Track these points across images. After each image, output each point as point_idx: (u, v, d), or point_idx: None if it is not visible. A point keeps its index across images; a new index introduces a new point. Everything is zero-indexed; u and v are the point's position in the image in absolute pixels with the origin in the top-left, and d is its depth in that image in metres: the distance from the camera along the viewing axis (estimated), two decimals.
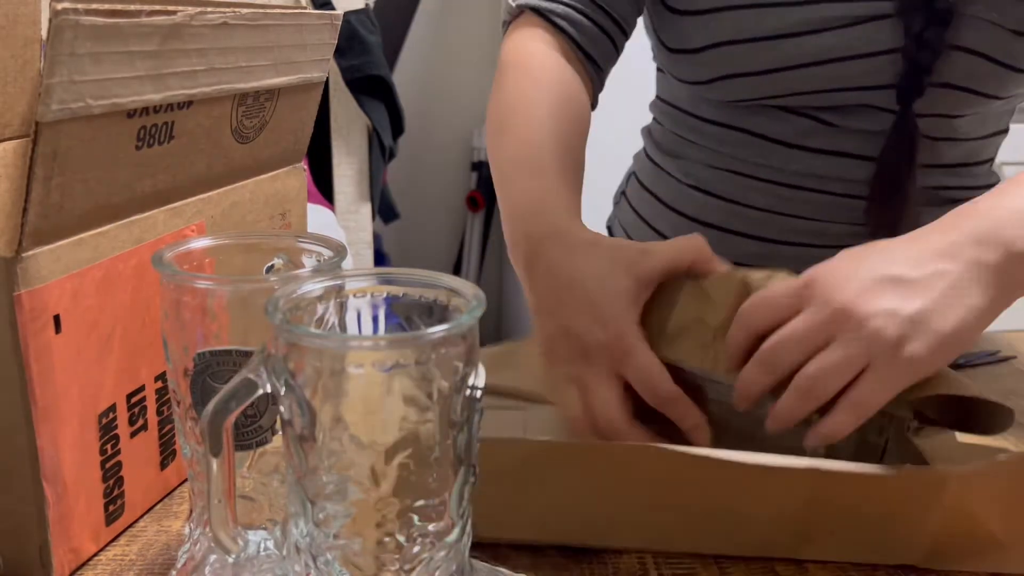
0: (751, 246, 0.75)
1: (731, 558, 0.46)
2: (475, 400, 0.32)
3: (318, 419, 0.30)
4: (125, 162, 0.43)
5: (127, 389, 0.46)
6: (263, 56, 0.50)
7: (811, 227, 0.74)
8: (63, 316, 0.41)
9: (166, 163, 0.46)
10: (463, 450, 0.32)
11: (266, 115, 0.54)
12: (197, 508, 0.41)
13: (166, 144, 0.46)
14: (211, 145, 0.50)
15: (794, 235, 0.75)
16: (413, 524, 0.32)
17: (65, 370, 0.41)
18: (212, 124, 0.49)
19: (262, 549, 0.40)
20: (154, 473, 0.49)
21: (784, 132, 0.72)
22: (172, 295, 0.37)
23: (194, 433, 0.39)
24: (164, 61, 0.42)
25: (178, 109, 0.45)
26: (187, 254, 0.40)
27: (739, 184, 0.75)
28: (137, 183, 0.45)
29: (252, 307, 0.36)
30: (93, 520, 0.45)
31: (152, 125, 0.44)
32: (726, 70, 0.71)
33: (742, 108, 0.73)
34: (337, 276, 0.34)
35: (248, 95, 0.51)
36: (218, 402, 0.32)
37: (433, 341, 0.30)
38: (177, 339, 0.38)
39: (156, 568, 0.45)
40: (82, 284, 0.42)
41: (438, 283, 0.34)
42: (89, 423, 0.43)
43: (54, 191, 0.39)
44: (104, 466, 0.45)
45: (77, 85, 0.38)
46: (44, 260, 0.40)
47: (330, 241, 0.41)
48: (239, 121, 0.51)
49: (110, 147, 0.42)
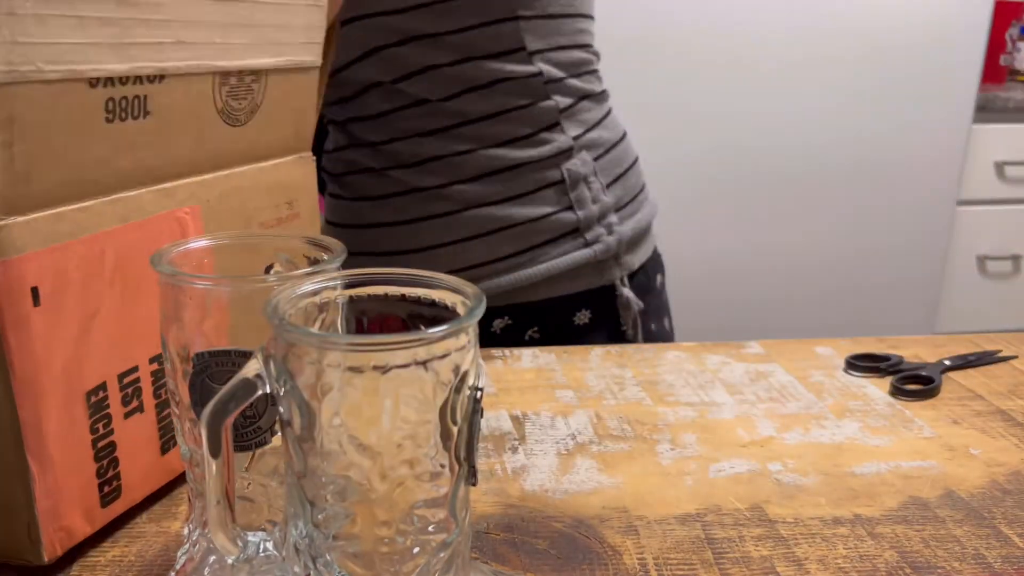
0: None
1: (731, 558, 0.46)
2: (475, 400, 0.32)
3: (317, 420, 0.30)
4: (96, 135, 0.43)
5: (119, 369, 0.46)
6: (240, 34, 0.50)
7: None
8: (42, 289, 0.41)
9: (145, 140, 0.46)
10: (463, 450, 0.32)
11: (256, 98, 0.53)
12: (196, 509, 0.41)
13: (141, 119, 0.45)
14: (196, 124, 0.49)
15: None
16: (413, 524, 0.32)
17: (46, 344, 0.41)
18: (192, 102, 0.48)
19: (261, 550, 0.40)
20: (154, 457, 0.49)
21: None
22: (171, 295, 0.37)
23: (193, 434, 0.39)
24: (123, 29, 0.42)
25: (148, 83, 0.45)
26: (187, 254, 0.40)
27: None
28: (114, 158, 0.45)
29: (252, 307, 0.36)
30: (86, 500, 0.45)
31: (122, 98, 0.43)
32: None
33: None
34: (337, 276, 0.34)
35: (231, 74, 0.50)
36: (217, 403, 0.32)
37: (433, 341, 0.30)
38: (176, 339, 0.38)
39: (155, 569, 0.44)
40: (64, 258, 0.42)
41: (438, 283, 0.34)
42: (76, 399, 0.43)
43: (18, 159, 0.39)
44: (96, 445, 0.45)
45: (23, 47, 0.37)
46: (19, 231, 0.40)
47: (330, 241, 0.41)
48: (224, 101, 0.51)
49: (75, 116, 0.41)
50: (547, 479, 0.53)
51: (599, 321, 0.85)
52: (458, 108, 0.79)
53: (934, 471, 0.55)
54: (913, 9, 1.96)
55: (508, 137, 0.81)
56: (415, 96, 0.79)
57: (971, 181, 2.19)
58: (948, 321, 2.26)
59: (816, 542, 0.47)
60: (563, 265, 0.82)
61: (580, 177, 0.82)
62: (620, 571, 0.45)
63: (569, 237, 0.82)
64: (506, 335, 0.84)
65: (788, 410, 0.63)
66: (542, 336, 0.85)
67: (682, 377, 0.69)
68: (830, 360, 0.72)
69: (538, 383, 0.67)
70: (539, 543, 0.47)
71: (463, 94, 0.79)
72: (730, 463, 0.56)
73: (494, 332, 0.84)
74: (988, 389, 0.67)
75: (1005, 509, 0.51)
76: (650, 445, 0.58)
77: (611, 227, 0.84)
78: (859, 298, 2.13)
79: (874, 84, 2.00)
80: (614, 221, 0.84)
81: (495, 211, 0.81)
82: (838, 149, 2.03)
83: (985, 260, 2.26)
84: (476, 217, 0.81)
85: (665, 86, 1.92)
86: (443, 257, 0.82)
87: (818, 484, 0.53)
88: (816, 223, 2.07)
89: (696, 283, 2.01)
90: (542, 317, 0.83)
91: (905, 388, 0.66)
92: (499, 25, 0.78)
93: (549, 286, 0.83)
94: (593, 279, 0.84)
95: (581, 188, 0.82)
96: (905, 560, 0.46)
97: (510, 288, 0.82)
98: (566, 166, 0.81)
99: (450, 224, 0.82)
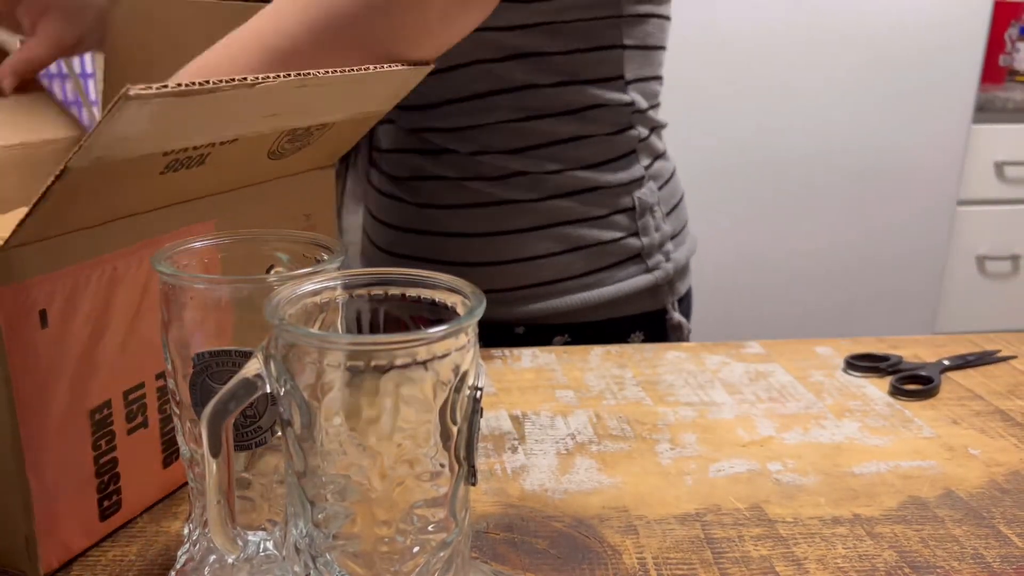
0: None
1: (731, 558, 0.46)
2: (475, 400, 0.32)
3: (317, 420, 0.30)
4: (147, 185, 0.43)
5: (125, 386, 0.46)
6: (330, 103, 0.48)
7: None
8: (50, 311, 0.41)
9: (189, 182, 0.46)
10: (463, 450, 0.32)
11: (312, 140, 0.52)
12: (196, 509, 0.41)
13: (195, 169, 0.45)
14: (244, 165, 0.49)
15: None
16: (413, 524, 0.32)
17: (51, 364, 0.41)
18: (250, 152, 0.48)
19: (261, 550, 0.40)
20: (156, 471, 0.49)
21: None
22: (171, 295, 0.37)
23: (193, 434, 0.39)
24: (223, 111, 0.41)
25: (219, 145, 0.44)
26: (187, 253, 0.40)
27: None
28: (152, 196, 0.44)
29: (252, 307, 0.36)
30: (85, 515, 0.45)
31: (187, 157, 0.43)
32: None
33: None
34: (337, 276, 0.34)
35: (299, 129, 0.50)
36: (217, 402, 0.32)
37: (433, 341, 0.30)
38: (176, 339, 0.38)
39: (155, 568, 0.45)
40: (75, 280, 0.42)
41: (438, 283, 0.34)
42: (79, 417, 0.43)
43: (59, 208, 0.39)
44: (98, 461, 0.45)
45: (124, 141, 0.37)
46: (29, 255, 0.39)
47: (330, 241, 0.41)
48: (279, 145, 0.50)
49: (134, 178, 0.41)
50: (547, 479, 0.54)
51: (650, 343, 0.87)
52: (550, 128, 0.81)
53: (933, 471, 0.55)
54: (913, 10, 1.96)
55: (592, 161, 0.82)
56: (508, 113, 0.80)
57: (971, 181, 2.19)
58: (948, 321, 2.26)
59: (815, 542, 0.47)
60: (627, 289, 0.84)
61: (647, 206, 0.85)
62: (620, 571, 0.45)
63: (632, 262, 0.85)
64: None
65: (788, 410, 0.63)
66: None
67: (682, 377, 0.69)
68: (830, 360, 0.72)
69: (538, 383, 0.67)
70: (539, 543, 0.47)
71: (557, 116, 0.80)
72: (730, 463, 0.56)
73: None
74: (987, 389, 0.68)
75: (1004, 509, 0.51)
76: (650, 445, 0.58)
77: (668, 254, 0.87)
78: (859, 298, 2.13)
79: (874, 85, 2.00)
80: (671, 249, 0.87)
81: (570, 231, 0.83)
82: (838, 149, 2.03)
83: (985, 260, 2.26)
84: (552, 235, 0.83)
85: (664, 88, 1.92)
86: (516, 271, 0.83)
87: (817, 484, 0.53)
88: (816, 223, 2.07)
89: (696, 283, 2.00)
90: (599, 337, 0.85)
91: (905, 388, 0.66)
92: (604, 52, 0.80)
93: (609, 307, 0.85)
94: (648, 303, 0.86)
95: (647, 216, 0.85)
96: (904, 560, 0.46)
97: (578, 307, 0.84)
98: (637, 194, 0.84)
99: (526, 240, 0.83)
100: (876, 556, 0.46)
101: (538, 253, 0.83)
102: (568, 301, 0.83)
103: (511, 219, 0.82)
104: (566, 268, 0.83)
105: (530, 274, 0.83)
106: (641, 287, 0.85)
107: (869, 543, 0.47)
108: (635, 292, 0.85)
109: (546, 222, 0.82)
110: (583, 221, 0.82)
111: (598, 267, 0.84)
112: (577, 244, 0.83)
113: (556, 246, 0.83)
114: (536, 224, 0.82)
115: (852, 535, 0.48)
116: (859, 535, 0.48)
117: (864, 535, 0.48)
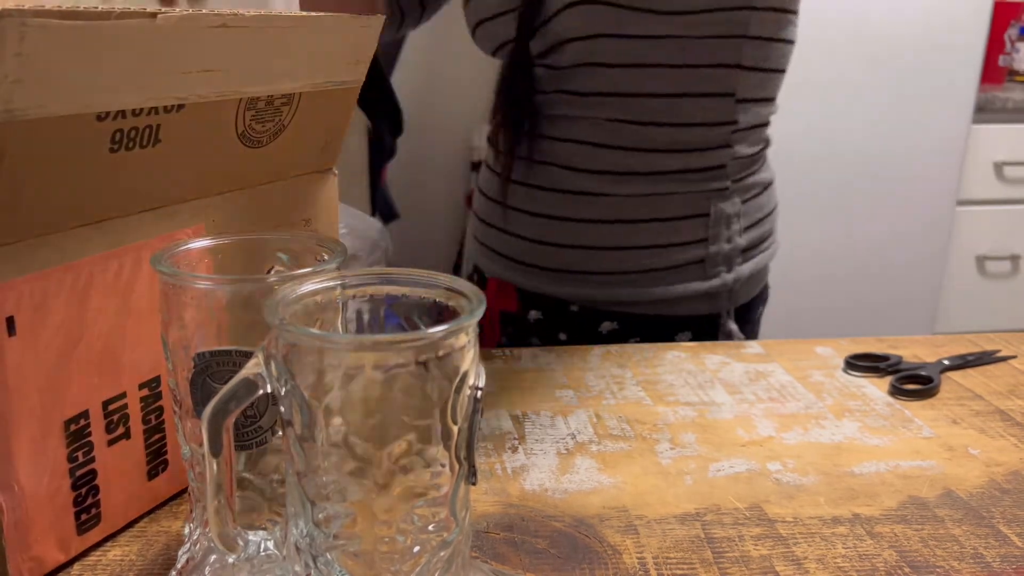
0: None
1: (730, 557, 0.46)
2: (475, 400, 0.32)
3: (318, 419, 0.30)
4: (96, 164, 0.40)
5: (104, 396, 0.44)
6: (275, 59, 0.46)
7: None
8: (19, 318, 0.39)
9: (151, 167, 0.43)
10: (463, 450, 0.32)
11: (283, 119, 0.49)
12: (197, 508, 0.41)
13: (150, 147, 0.42)
14: (210, 149, 0.46)
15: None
16: (413, 523, 0.32)
17: (20, 374, 0.40)
18: (210, 128, 0.45)
19: (262, 549, 0.40)
20: (139, 483, 0.47)
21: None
22: (172, 295, 0.37)
23: (194, 434, 0.39)
24: (142, 62, 0.38)
25: (165, 112, 0.42)
26: (186, 254, 0.40)
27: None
28: (112, 185, 0.42)
29: (252, 307, 0.36)
30: (60, 529, 0.43)
31: (131, 128, 0.40)
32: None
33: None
34: (337, 276, 0.34)
35: (259, 99, 0.47)
36: (218, 402, 0.32)
37: (433, 341, 0.30)
38: (177, 339, 0.38)
39: (156, 568, 0.45)
40: (45, 286, 0.40)
41: (438, 283, 0.34)
42: (52, 429, 0.42)
43: (3, 190, 0.37)
44: (74, 474, 0.43)
45: (26, 86, 0.35)
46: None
47: (330, 241, 0.41)
48: (247, 125, 0.47)
49: (75, 149, 0.39)
50: (547, 479, 0.54)
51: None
52: (649, 136, 0.83)
53: (933, 471, 0.55)
54: (913, 10, 1.96)
55: (678, 167, 0.84)
56: (610, 114, 0.82)
57: (970, 181, 2.18)
58: (947, 321, 2.26)
59: (815, 541, 0.47)
60: (679, 292, 0.86)
61: (724, 217, 0.86)
62: (620, 570, 0.45)
63: (692, 267, 0.86)
64: (611, 337, 0.88)
65: (787, 410, 0.63)
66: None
67: (682, 377, 0.69)
68: (829, 360, 0.72)
69: (538, 383, 0.67)
70: (539, 542, 0.47)
71: (661, 126, 0.82)
72: (729, 463, 0.56)
73: (600, 332, 0.88)
74: (987, 389, 0.68)
75: (1004, 508, 0.51)
76: (650, 445, 0.58)
77: (732, 266, 0.88)
78: (858, 298, 2.13)
79: (874, 84, 1.99)
80: (738, 262, 0.88)
81: (645, 228, 0.85)
82: (838, 149, 2.03)
83: (984, 260, 2.26)
84: (627, 230, 0.85)
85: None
86: (594, 258, 0.86)
87: (817, 484, 0.53)
88: (816, 223, 2.07)
89: None
90: (646, 330, 0.87)
91: (904, 388, 0.66)
92: (718, 69, 0.81)
93: (662, 305, 0.87)
94: (701, 307, 0.88)
95: (721, 227, 0.86)
96: (904, 559, 0.46)
97: (632, 300, 0.86)
98: (718, 204, 0.85)
99: (603, 231, 0.86)
100: (876, 556, 0.46)
101: (615, 244, 0.86)
102: (631, 292, 0.86)
103: (587, 209, 0.85)
104: (635, 262, 0.85)
105: (604, 262, 0.86)
106: (693, 292, 0.86)
107: (869, 543, 0.47)
108: (689, 296, 0.86)
109: (621, 217, 0.85)
110: (657, 221, 0.85)
111: (661, 266, 0.86)
112: (648, 243, 0.85)
113: (627, 240, 0.85)
114: (617, 217, 0.85)
115: (852, 535, 0.48)
116: (859, 535, 0.48)
117: (864, 535, 0.48)
